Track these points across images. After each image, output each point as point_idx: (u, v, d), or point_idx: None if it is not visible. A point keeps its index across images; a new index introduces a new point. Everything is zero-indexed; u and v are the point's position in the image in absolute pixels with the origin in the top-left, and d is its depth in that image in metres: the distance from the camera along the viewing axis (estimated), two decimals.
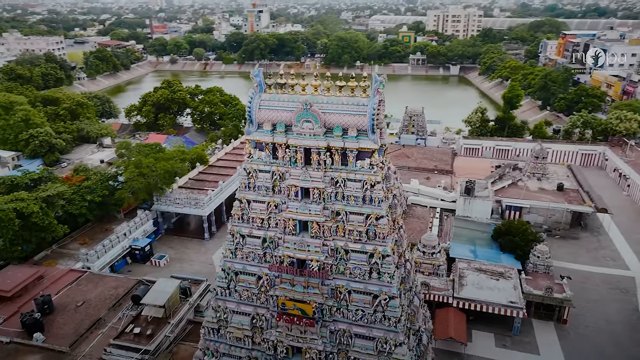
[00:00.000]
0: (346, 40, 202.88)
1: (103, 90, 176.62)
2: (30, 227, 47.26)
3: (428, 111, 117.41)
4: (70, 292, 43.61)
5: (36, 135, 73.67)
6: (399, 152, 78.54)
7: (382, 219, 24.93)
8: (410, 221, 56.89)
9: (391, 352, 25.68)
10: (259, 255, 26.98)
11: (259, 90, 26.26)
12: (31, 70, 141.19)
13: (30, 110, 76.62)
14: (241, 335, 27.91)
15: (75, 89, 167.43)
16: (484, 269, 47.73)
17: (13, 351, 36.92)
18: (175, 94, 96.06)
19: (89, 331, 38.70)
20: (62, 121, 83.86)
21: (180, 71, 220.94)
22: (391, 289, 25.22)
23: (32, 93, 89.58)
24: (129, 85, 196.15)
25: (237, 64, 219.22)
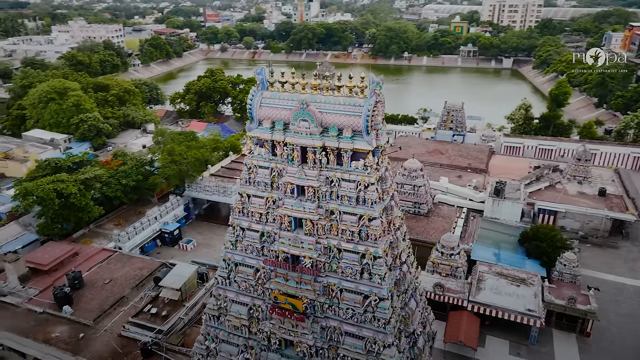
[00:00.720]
0: (394, 31, 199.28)
1: (155, 77, 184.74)
2: (69, 207, 50.79)
3: (473, 106, 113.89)
4: (100, 269, 46.64)
5: (85, 120, 78.42)
6: (432, 149, 76.93)
7: (375, 220, 24.91)
8: (434, 220, 56.00)
9: (379, 352, 25.79)
10: (257, 249, 27.75)
11: (261, 88, 26.75)
12: (90, 57, 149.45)
13: (81, 96, 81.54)
14: (239, 324, 28.94)
15: (130, 75, 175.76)
16: (505, 273, 46.32)
17: (44, 321, 40.19)
18: (216, 83, 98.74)
19: (112, 307, 41.37)
20: (111, 107, 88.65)
21: (229, 59, 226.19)
22: (381, 290, 25.23)
23: (85, 79, 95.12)
24: (181, 72, 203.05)
25: (284, 53, 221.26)
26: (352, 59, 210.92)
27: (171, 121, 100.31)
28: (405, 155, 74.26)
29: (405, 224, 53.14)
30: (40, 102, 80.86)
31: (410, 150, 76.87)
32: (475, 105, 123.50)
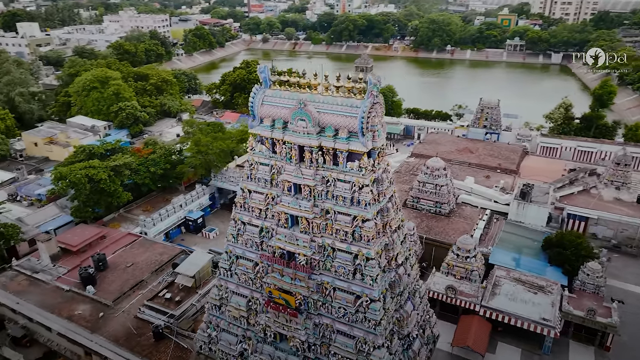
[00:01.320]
0: (438, 23, 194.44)
1: (198, 67, 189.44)
2: (100, 192, 53.53)
3: (513, 103, 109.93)
4: (124, 253, 49.00)
5: (124, 108, 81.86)
6: (462, 147, 75.09)
7: (368, 222, 24.94)
8: (455, 220, 54.94)
9: (370, 353, 25.95)
10: (256, 243, 28.45)
11: (264, 86, 27.19)
12: (136, 46, 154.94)
13: (121, 85, 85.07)
14: (237, 315, 29.86)
15: (173, 65, 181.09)
16: (524, 279, 44.95)
17: (70, 298, 42.83)
18: (251, 74, 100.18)
19: (132, 290, 43.47)
20: (149, 96, 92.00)
21: (270, 50, 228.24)
22: (372, 292, 25.31)
23: (126, 69, 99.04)
24: (222, 62, 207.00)
25: (325, 45, 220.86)
26: (393, 52, 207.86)
27: (206, 111, 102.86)
28: (433, 152, 73.05)
29: (425, 223, 52.88)
30: (84, 90, 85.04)
31: (439, 147, 75.44)
32: (516, 102, 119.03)
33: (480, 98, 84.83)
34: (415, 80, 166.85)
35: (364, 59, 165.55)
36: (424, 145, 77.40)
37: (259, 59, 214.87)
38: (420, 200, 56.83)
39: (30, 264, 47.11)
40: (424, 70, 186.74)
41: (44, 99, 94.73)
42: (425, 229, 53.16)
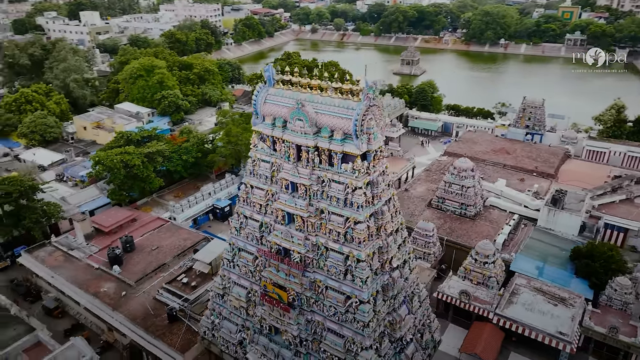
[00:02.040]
0: (492, 15, 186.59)
1: (246, 56, 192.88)
2: (133, 177, 56.43)
3: (563, 102, 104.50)
4: (151, 236, 51.55)
5: (166, 97, 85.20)
6: (499, 147, 72.43)
7: (360, 224, 24.98)
8: (480, 224, 53.43)
9: (357, 353, 26.15)
10: (256, 237, 29.21)
11: (267, 85, 27.67)
12: (187, 35, 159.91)
13: (165, 74, 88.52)
14: (238, 305, 30.89)
15: (222, 54, 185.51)
16: (545, 290, 43.24)
17: (98, 276, 45.74)
18: (290, 66, 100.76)
19: (154, 272, 45.78)
20: (191, 85, 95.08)
21: (319, 40, 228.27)
22: (362, 293, 25.41)
23: (172, 58, 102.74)
24: (271, 52, 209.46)
25: (373, 36, 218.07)
26: (443, 45, 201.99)
27: (247, 101, 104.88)
28: (467, 151, 71.06)
29: (448, 225, 51.89)
30: (131, 77, 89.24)
31: (475, 147, 73.28)
32: (567, 101, 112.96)
33: (524, 97, 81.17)
34: (463, 75, 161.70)
35: (410, 52, 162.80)
36: (458, 144, 75.36)
37: (306, 49, 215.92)
38: (445, 200, 55.64)
39: (67, 241, 50.63)
40: (474, 64, 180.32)
41: (96, 85, 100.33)
42: (448, 231, 52.12)
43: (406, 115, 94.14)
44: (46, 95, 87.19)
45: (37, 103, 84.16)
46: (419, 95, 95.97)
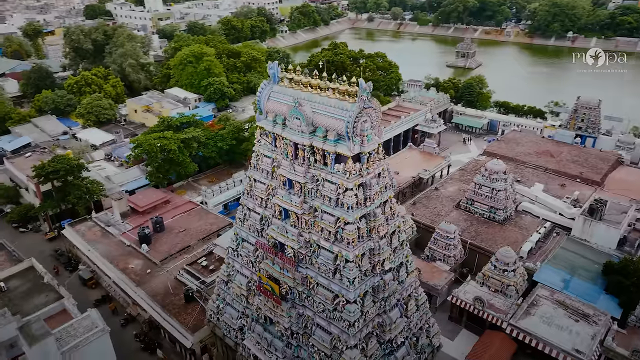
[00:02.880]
0: (560, 6, 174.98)
1: (300, 45, 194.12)
2: (170, 161, 59.28)
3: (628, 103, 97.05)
4: (181, 219, 54.15)
5: (212, 84, 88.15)
6: (543, 149, 68.80)
7: (350, 225, 25.11)
8: (508, 229, 51.46)
9: (342, 351, 26.51)
10: (257, 230, 30.12)
11: (272, 82, 28.19)
12: (243, 22, 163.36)
13: (213, 62, 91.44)
14: (239, 293, 32.11)
15: (276, 42, 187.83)
16: (568, 304, 41.19)
17: (128, 252, 48.88)
18: (336, 56, 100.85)
19: (178, 253, 48.23)
20: (238, 73, 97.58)
21: (375, 29, 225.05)
22: (349, 293, 25.64)
23: (222, 45, 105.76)
24: (325, 40, 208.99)
25: (431, 26, 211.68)
26: (504, 37, 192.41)
27: None
28: (508, 152, 68.20)
29: (474, 228, 50.59)
30: (181, 64, 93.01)
31: (517, 147, 70.11)
32: (636, 102, 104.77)
33: (578, 97, 76.22)
34: (522, 70, 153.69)
35: (467, 44, 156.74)
36: (500, 144, 72.38)
37: (362, 38, 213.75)
38: (474, 202, 54.00)
39: (105, 217, 54.37)
40: (537, 59, 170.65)
41: (151, 69, 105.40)
42: (473, 234, 50.68)
43: (450, 110, 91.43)
44: (104, 79, 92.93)
45: (95, 85, 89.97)
46: (465, 90, 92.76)
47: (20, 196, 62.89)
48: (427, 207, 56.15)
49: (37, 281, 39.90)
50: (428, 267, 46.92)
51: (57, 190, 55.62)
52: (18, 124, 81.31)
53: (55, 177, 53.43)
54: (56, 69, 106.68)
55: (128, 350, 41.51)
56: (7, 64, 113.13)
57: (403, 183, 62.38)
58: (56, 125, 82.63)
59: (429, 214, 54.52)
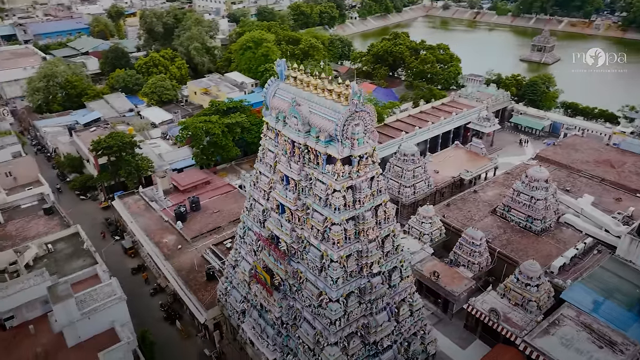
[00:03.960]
0: None
1: (369, 32, 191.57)
2: (214, 144, 62.20)
3: None
4: (217, 200, 56.92)
5: (268, 70, 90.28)
6: (604, 158, 63.46)
7: (336, 226, 25.42)
8: (544, 241, 48.64)
9: (324, 347, 27.15)
10: (259, 220, 31.29)
11: (279, 79, 28.83)
12: (312, 8, 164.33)
13: (270, 48, 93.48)
14: (242, 279, 33.65)
15: (345, 28, 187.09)
16: (595, 328, 38.52)
17: (164, 228, 52.36)
18: (395, 47, 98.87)
19: (208, 232, 50.93)
20: (295, 60, 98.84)
21: (449, 18, 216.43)
22: (331, 292, 26.09)
23: (282, 32, 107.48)
24: (396, 28, 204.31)
25: (510, 16, 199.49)
26: (593, 30, 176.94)
27: (346, 79, 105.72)
28: (563, 158, 63.76)
29: (506, 236, 48.76)
30: (241, 48, 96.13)
31: (574, 154, 65.30)
32: None
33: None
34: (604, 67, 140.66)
35: (544, 37, 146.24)
36: (556, 149, 67.74)
37: (435, 27, 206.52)
38: (511, 210, 51.50)
39: (150, 193, 58.49)
40: (628, 56, 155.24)
41: (215, 53, 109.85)
42: (504, 243, 48.51)
43: (510, 109, 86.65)
44: (171, 60, 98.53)
45: (162, 67, 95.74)
46: (528, 88, 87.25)
47: (84, 167, 69.21)
48: (461, 210, 54.38)
49: (79, 246, 44.24)
50: (449, 272, 45.79)
51: (111, 164, 60.59)
52: (92, 100, 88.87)
53: (108, 152, 58.22)
54: (131, 50, 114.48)
55: (152, 318, 45.02)
56: (91, 42, 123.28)
57: (441, 183, 60.72)
58: (124, 103, 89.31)
59: (461, 217, 52.81)
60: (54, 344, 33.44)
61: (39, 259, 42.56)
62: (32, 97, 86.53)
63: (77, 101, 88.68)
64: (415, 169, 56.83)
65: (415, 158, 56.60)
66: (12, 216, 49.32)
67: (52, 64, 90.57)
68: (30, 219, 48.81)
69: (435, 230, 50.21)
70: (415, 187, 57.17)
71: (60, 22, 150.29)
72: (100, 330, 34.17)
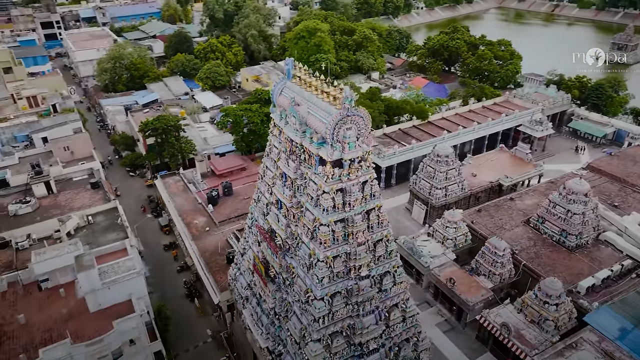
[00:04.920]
0: None
1: (436, 23, 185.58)
2: (253, 132, 64.10)
3: None
4: (250, 187, 58.35)
5: (318, 60, 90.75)
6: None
7: (323, 226, 25.76)
8: (577, 258, 45.80)
9: (307, 343, 27.84)
10: (263, 213, 32.30)
11: (286, 77, 29.36)
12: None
13: (323, 38, 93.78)
14: (247, 267, 35.00)
15: (410, 18, 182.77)
16: (616, 356, 36.14)
17: (197, 209, 55.06)
18: (452, 41, 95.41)
19: (236, 218, 52.95)
20: (348, 50, 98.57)
21: (524, 11, 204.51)
22: (317, 290, 26.60)
23: (338, 22, 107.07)
24: (466, 19, 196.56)
25: (594, 10, 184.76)
26: None
27: (401, 72, 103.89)
28: (617, 170, 59.01)
29: (535, 249, 46.72)
30: (296, 37, 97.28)
31: (633, 167, 60.24)
32: None
33: None
34: None
35: (627, 34, 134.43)
36: (612, 160, 62.78)
37: (508, 20, 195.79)
38: (545, 222, 48.84)
39: (190, 175, 61.63)
40: None
41: (272, 41, 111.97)
42: (532, 256, 46.24)
43: (570, 113, 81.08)
44: (228, 47, 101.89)
45: (219, 52, 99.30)
46: (593, 92, 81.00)
47: (136, 145, 74.09)
48: (492, 217, 52.32)
49: (114, 221, 47.89)
50: (467, 280, 44.54)
51: (157, 145, 64.42)
52: (153, 82, 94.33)
53: (154, 134, 61.91)
54: (194, 35, 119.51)
55: (174, 294, 48.02)
56: (160, 26, 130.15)
57: (477, 187, 58.58)
58: (181, 86, 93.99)
59: (490, 225, 50.84)
60: (78, 308, 36.84)
61: (79, 229, 46.67)
62: (100, 76, 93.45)
63: (140, 82, 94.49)
64: (448, 170, 55.29)
65: (449, 160, 55.01)
66: (64, 187, 54.11)
67: (120, 46, 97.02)
68: (78, 191, 53.35)
69: (460, 236, 48.86)
70: (447, 190, 55.69)
71: (136, 6, 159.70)
72: (119, 301, 37.06)
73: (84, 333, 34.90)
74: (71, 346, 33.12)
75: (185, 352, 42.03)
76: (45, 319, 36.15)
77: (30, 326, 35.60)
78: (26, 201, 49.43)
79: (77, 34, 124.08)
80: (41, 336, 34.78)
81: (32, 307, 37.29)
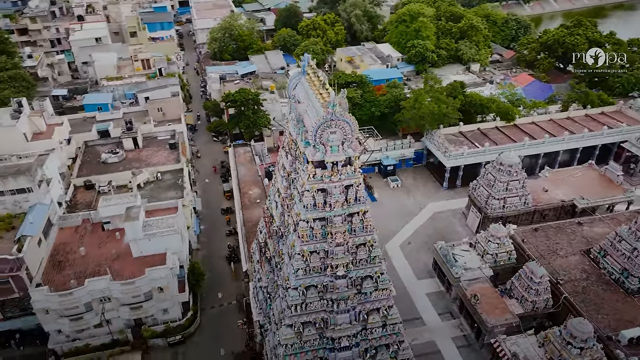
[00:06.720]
0: None
1: (577, 10, 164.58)
2: None
3: None
4: None
5: (415, 46, 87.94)
6: None
7: (302, 222, 26.83)
8: (632, 302, 40.60)
9: (281, 326, 29.61)
10: (275, 201, 34.17)
11: (301, 73, 30.20)
12: None
13: (424, 23, 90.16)
14: (257, 248, 37.46)
15: (545, 5, 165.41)
16: None
17: (255, 181, 58.90)
18: (571, 36, 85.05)
19: None
20: (451, 38, 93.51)
21: None
22: (291, 280, 28.03)
23: (445, 7, 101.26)
24: (615, 9, 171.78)
25: None
26: None
27: (508, 66, 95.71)
28: None
29: (587, 284, 43.18)
30: (397, 21, 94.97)
31: None
32: None
33: None
34: None
35: None
36: None
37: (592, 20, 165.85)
38: (606, 255, 43.51)
39: (259, 147, 65.68)
40: None
41: (376, 22, 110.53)
42: (579, 290, 41.92)
43: None
44: (331, 25, 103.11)
45: (320, 30, 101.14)
46: None
47: (223, 113, 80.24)
48: (548, 239, 47.86)
49: (177, 180, 53.62)
50: (495, 300, 42.04)
51: (236, 115, 69.32)
52: (255, 54, 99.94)
53: (233, 106, 66.65)
54: (304, 10, 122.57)
55: (218, 255, 52.82)
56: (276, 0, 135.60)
57: (545, 203, 53.50)
58: (279, 60, 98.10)
59: (542, 247, 46.66)
60: (125, 251, 42.94)
61: (148, 183, 53.25)
62: (210, 45, 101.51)
63: (244, 53, 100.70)
64: (510, 181, 51.36)
65: (512, 170, 50.99)
66: (150, 144, 61.54)
67: (232, 17, 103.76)
68: (159, 149, 60.33)
69: (502, 253, 45.86)
70: (505, 201, 51.93)
71: None
72: (157, 252, 42.32)
73: (123, 273, 40.90)
74: (110, 282, 39.16)
75: (211, 308, 46.55)
76: (99, 254, 42.93)
77: (87, 258, 42.62)
78: (115, 152, 57.43)
79: (203, 3, 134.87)
80: (93, 268, 41.51)
81: (93, 242, 44.41)
